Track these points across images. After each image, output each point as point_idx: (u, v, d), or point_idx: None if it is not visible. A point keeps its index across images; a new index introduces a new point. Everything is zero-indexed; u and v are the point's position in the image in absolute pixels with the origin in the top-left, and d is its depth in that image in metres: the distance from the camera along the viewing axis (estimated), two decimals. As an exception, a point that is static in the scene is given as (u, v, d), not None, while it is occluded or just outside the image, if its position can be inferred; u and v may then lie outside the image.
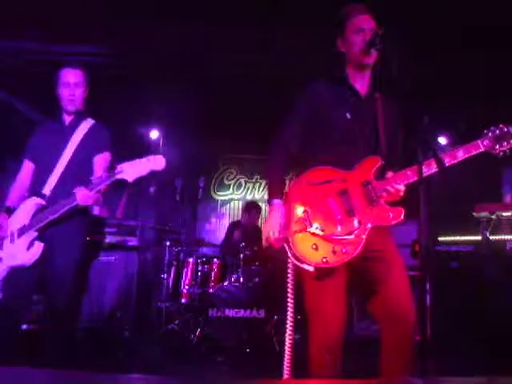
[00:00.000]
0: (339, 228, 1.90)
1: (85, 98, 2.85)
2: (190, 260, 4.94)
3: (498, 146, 1.95)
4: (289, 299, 1.96)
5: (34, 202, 2.65)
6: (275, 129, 2.14)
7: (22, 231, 2.60)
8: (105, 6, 4.24)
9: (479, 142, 1.96)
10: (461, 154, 1.95)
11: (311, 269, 1.86)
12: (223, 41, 4.74)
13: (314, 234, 1.89)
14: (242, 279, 4.34)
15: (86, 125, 2.82)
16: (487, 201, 4.37)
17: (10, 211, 2.70)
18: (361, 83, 2.10)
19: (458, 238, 4.43)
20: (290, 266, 1.95)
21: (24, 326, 3.75)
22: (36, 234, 2.59)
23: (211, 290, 4.40)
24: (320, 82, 2.14)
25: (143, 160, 2.43)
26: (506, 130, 1.95)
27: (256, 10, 4.23)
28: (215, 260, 4.84)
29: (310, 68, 3.32)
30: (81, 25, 4.51)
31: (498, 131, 1.96)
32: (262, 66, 5.01)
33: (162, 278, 5.04)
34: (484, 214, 4.23)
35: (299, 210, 1.95)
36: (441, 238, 4.47)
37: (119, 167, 2.44)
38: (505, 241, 4.11)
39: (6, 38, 4.74)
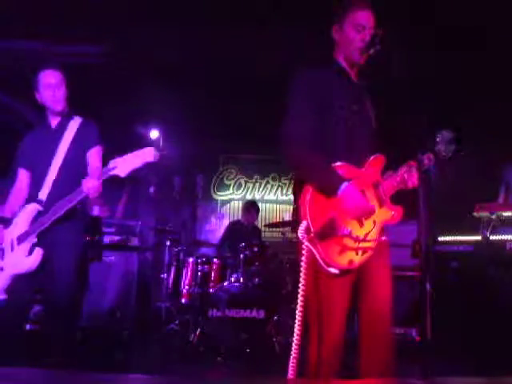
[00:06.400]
0: (361, 229, 1.88)
1: (67, 98, 2.82)
2: (190, 260, 4.93)
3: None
4: (299, 301, 1.84)
5: (32, 207, 2.63)
6: (275, 129, 2.10)
7: (22, 238, 2.58)
8: (105, 6, 4.24)
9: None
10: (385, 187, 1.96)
11: (337, 271, 1.81)
12: (223, 40, 4.74)
13: (343, 237, 1.82)
14: (242, 279, 4.33)
15: (75, 124, 2.80)
16: (487, 201, 4.37)
17: (6, 222, 2.68)
18: (353, 73, 2.10)
19: (458, 237, 4.42)
20: (304, 266, 1.82)
21: (27, 326, 3.76)
22: (35, 239, 2.57)
23: (211, 290, 4.39)
24: (317, 70, 2.06)
25: (135, 153, 2.39)
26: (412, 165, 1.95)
27: (256, 10, 4.24)
28: (215, 260, 4.82)
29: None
30: (81, 25, 4.52)
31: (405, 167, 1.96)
32: (261, 65, 5.01)
33: (162, 278, 5.05)
34: (484, 213, 4.22)
35: (326, 214, 1.82)
36: (441, 238, 4.46)
37: (112, 163, 2.40)
38: (505, 241, 4.10)
39: (5, 38, 4.74)
